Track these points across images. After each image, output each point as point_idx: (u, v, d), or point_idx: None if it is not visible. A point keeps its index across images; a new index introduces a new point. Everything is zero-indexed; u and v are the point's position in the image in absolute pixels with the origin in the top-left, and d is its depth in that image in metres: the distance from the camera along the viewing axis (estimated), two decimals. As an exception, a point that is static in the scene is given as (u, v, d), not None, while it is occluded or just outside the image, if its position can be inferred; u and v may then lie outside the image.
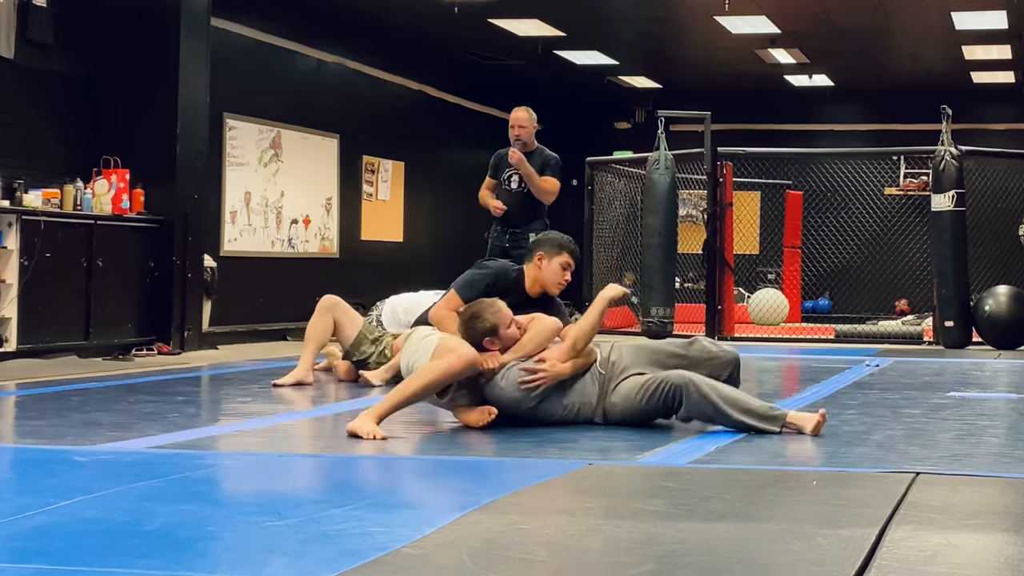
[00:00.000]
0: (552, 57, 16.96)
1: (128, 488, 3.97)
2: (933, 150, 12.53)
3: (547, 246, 6.25)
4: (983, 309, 12.13)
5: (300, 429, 5.91)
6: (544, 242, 6.30)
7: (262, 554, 3.07)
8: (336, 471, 4.67)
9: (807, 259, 16.87)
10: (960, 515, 3.60)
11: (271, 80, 13.76)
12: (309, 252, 14.38)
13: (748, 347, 12.13)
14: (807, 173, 16.95)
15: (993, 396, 7.30)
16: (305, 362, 7.44)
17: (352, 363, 7.52)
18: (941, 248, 12.38)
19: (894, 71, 17.68)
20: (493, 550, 3.15)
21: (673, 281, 13.93)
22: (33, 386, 7.55)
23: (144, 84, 10.89)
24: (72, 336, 9.91)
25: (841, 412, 6.12)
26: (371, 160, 15.77)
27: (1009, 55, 16.24)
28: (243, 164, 13.17)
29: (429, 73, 17.09)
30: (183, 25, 10.93)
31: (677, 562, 2.99)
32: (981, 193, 13.71)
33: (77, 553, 3.07)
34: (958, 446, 5.11)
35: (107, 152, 10.62)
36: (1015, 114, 18.89)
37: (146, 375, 8.29)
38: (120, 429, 5.47)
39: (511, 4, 14.08)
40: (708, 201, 13.93)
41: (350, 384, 7.46)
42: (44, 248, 9.51)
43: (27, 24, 10.08)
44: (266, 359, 9.74)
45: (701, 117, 14.07)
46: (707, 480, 4.25)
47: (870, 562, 2.96)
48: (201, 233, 11.25)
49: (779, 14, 14.30)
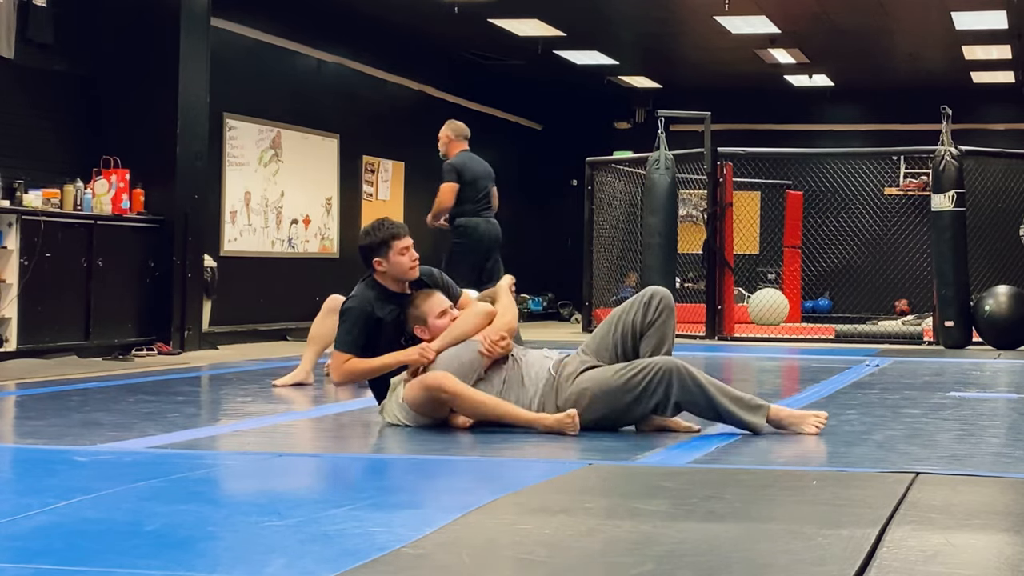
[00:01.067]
0: (552, 57, 16.96)
1: (128, 488, 3.97)
2: (933, 150, 12.53)
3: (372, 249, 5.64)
4: (983, 309, 12.13)
5: (300, 429, 5.90)
6: (367, 248, 5.68)
7: (262, 554, 3.07)
8: (336, 471, 4.67)
9: (807, 259, 16.87)
10: (960, 515, 3.60)
11: (271, 80, 13.76)
12: (309, 252, 14.38)
13: (748, 347, 12.14)
14: (807, 173, 16.94)
15: (993, 396, 7.30)
16: (306, 363, 7.44)
17: None
18: (941, 248, 12.39)
19: (894, 71, 17.68)
20: (493, 550, 3.15)
21: (673, 281, 13.93)
22: (33, 386, 7.55)
23: (144, 84, 10.89)
24: (72, 336, 9.91)
25: (841, 412, 6.12)
26: (371, 160, 15.77)
27: (1009, 55, 16.24)
28: (243, 164, 13.17)
29: (429, 73, 17.09)
30: (183, 25, 10.93)
31: (677, 562, 2.99)
32: (981, 193, 13.70)
33: (77, 553, 3.07)
34: (958, 446, 5.11)
35: (107, 152, 10.62)
36: (1015, 114, 18.89)
37: (146, 375, 8.29)
38: (120, 429, 5.48)
39: (511, 4, 14.08)
40: (708, 201, 13.93)
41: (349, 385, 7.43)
42: (44, 248, 9.51)
43: (27, 24, 10.08)
44: (266, 359, 9.74)
45: (701, 117, 14.07)
46: (707, 480, 4.25)
47: (870, 562, 2.96)
48: (201, 233, 11.25)
49: (779, 14, 14.30)
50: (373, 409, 5.95)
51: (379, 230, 5.62)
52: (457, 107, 17.91)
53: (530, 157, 20.34)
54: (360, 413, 6.21)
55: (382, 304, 5.57)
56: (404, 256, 5.54)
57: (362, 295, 5.61)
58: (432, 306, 5.46)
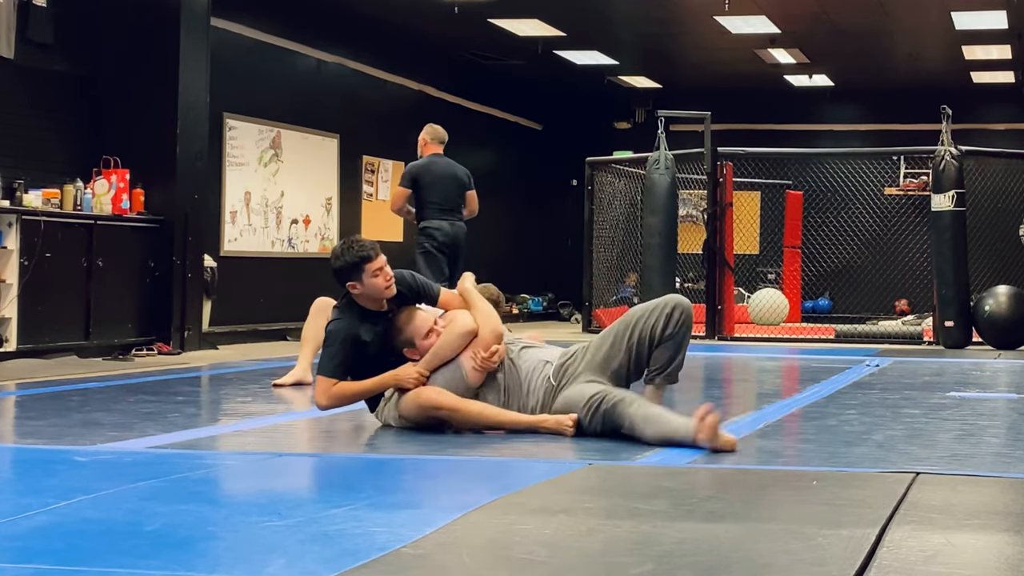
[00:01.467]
0: (552, 57, 16.96)
1: (128, 488, 3.97)
2: (933, 150, 12.53)
3: (345, 273, 5.41)
4: (983, 309, 12.13)
5: (300, 429, 5.90)
6: (339, 272, 5.43)
7: (262, 554, 3.07)
8: (336, 471, 4.67)
9: (807, 259, 16.87)
10: (960, 515, 3.60)
11: (271, 80, 13.76)
12: (309, 252, 14.38)
13: (748, 347, 12.14)
14: (807, 173, 16.94)
15: (993, 396, 7.30)
16: (303, 362, 7.46)
17: None
18: (941, 248, 12.39)
19: (894, 71, 17.68)
20: (493, 550, 3.15)
21: (673, 281, 13.93)
22: (33, 386, 7.55)
23: (144, 84, 10.89)
24: (72, 336, 9.91)
25: (841, 412, 6.12)
26: (371, 160, 15.77)
27: (1009, 55, 16.24)
28: (243, 164, 13.17)
29: (429, 73, 17.09)
30: (183, 25, 10.93)
31: (677, 562, 2.99)
32: (981, 193, 13.70)
33: (77, 553, 3.07)
34: (958, 446, 5.11)
35: (107, 152, 10.62)
36: (1015, 114, 18.89)
37: (146, 375, 8.29)
38: (120, 429, 5.48)
39: (511, 4, 14.08)
40: (708, 201, 13.93)
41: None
42: (44, 248, 9.51)
43: (27, 24, 10.08)
44: (266, 359, 9.74)
45: (701, 117, 14.07)
46: (707, 480, 4.25)
47: (870, 562, 2.96)
48: (201, 233, 11.25)
49: (779, 14, 14.30)
50: (373, 409, 5.93)
51: (348, 252, 5.39)
52: (457, 107, 17.91)
53: (530, 157, 20.34)
54: (360, 413, 6.21)
55: (363, 324, 5.46)
56: (378, 278, 5.32)
57: (343, 318, 5.47)
58: (418, 327, 5.38)
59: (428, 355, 5.36)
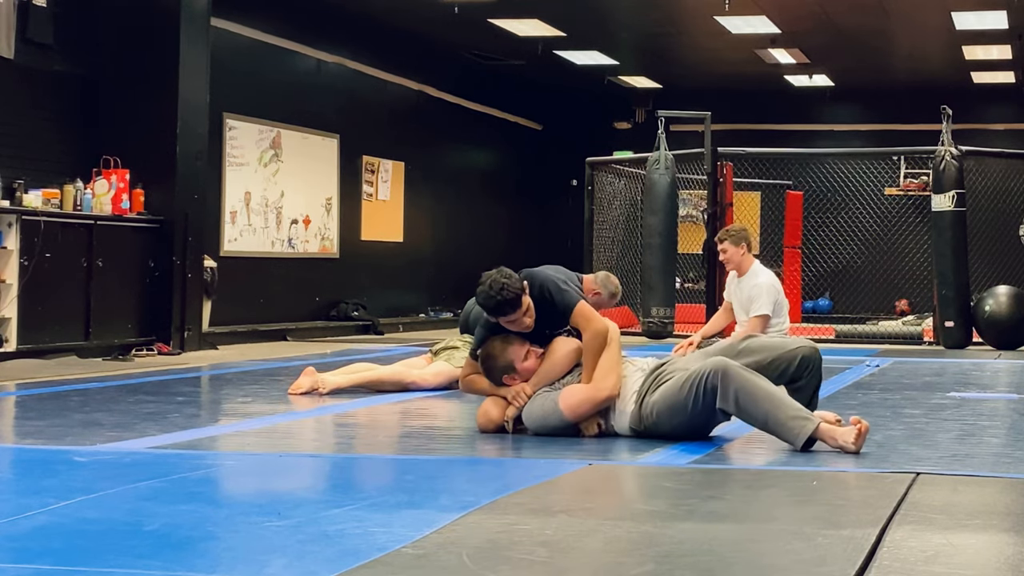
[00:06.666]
0: (552, 57, 16.95)
1: (128, 488, 3.97)
2: (933, 150, 12.53)
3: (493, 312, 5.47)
4: (983, 309, 12.13)
5: (300, 429, 5.90)
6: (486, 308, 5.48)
7: (262, 554, 3.07)
8: (336, 471, 4.67)
9: (807, 259, 16.86)
10: (960, 515, 3.60)
11: (271, 80, 13.76)
12: (309, 252, 14.38)
13: (748, 347, 12.12)
14: (807, 173, 16.94)
15: (993, 396, 7.30)
16: (340, 379, 7.14)
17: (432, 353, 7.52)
18: (941, 248, 12.38)
19: (894, 71, 17.68)
20: (493, 550, 3.15)
21: (673, 281, 13.93)
22: (33, 386, 7.55)
23: (144, 84, 10.89)
24: (72, 336, 9.91)
25: (841, 412, 6.11)
26: (371, 160, 15.77)
27: (1009, 55, 16.23)
28: (243, 164, 13.17)
29: (429, 73, 17.08)
30: (183, 25, 10.93)
31: (677, 562, 2.99)
32: (981, 193, 13.70)
33: (77, 553, 3.07)
34: (958, 446, 5.11)
35: (107, 152, 10.62)
36: (1015, 114, 18.88)
37: (146, 375, 8.29)
38: (120, 429, 5.48)
39: (511, 4, 14.08)
40: (708, 201, 13.92)
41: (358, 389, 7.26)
42: (44, 248, 9.51)
43: (27, 24, 10.08)
44: (266, 359, 9.74)
45: (701, 117, 14.07)
46: (707, 480, 4.25)
47: (870, 562, 2.96)
48: (201, 233, 11.25)
49: (779, 14, 14.29)
50: (373, 409, 5.96)
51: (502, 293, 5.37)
52: (457, 107, 17.92)
53: (530, 157, 20.34)
54: (359, 413, 6.21)
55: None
56: (528, 318, 5.46)
57: (490, 326, 5.60)
58: (515, 352, 5.45)
59: (538, 375, 5.40)
